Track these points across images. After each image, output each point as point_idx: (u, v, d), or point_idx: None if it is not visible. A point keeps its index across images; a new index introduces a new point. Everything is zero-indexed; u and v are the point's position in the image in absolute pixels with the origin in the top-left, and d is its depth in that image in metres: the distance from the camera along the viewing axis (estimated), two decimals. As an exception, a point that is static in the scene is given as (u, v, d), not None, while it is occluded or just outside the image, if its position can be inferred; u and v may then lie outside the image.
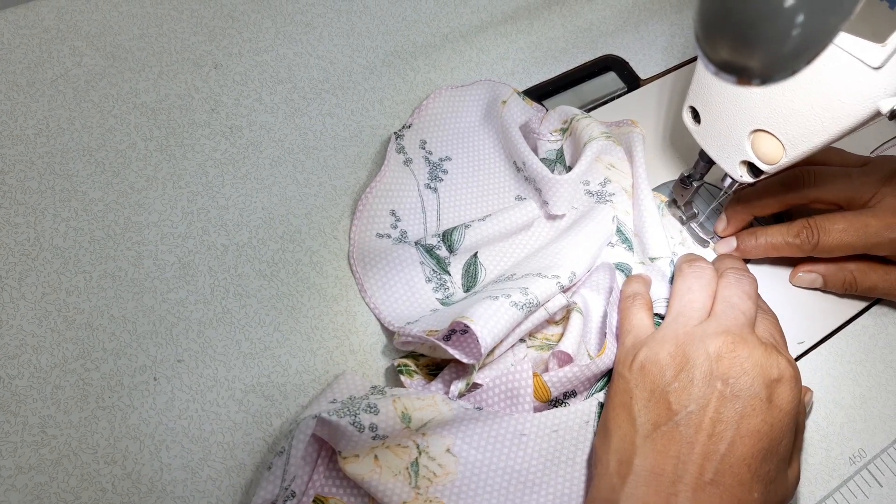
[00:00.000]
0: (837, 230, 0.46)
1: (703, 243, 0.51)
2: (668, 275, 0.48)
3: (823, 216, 0.47)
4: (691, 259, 0.46)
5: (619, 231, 0.50)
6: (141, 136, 0.52)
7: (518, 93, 0.55)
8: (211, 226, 0.49)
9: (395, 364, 0.44)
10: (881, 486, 0.45)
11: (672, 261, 0.48)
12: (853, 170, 0.48)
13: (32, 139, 0.51)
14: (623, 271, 0.49)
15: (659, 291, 0.47)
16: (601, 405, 0.43)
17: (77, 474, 0.41)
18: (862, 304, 0.51)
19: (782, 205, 0.49)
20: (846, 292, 0.50)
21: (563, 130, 0.54)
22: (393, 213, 0.50)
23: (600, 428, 0.41)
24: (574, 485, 0.41)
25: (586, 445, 0.42)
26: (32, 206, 0.49)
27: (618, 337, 0.45)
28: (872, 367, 0.49)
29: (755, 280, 0.44)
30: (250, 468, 0.42)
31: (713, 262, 0.47)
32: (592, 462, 0.41)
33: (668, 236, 0.49)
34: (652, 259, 0.48)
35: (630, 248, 0.50)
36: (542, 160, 0.52)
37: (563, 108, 0.54)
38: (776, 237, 0.48)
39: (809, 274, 0.49)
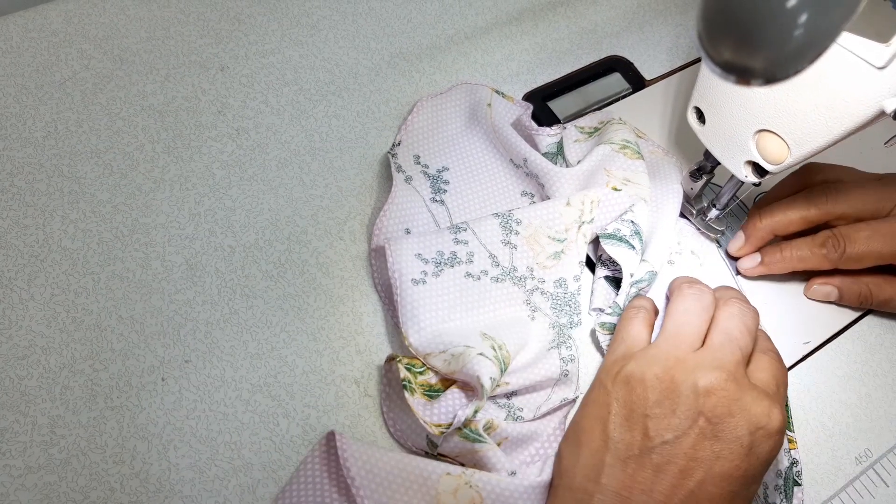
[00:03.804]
0: (863, 238, 0.45)
1: (713, 232, 0.51)
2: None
3: (847, 226, 0.46)
4: (692, 280, 0.45)
5: (635, 232, 0.49)
6: (148, 138, 0.53)
7: (497, 92, 0.55)
8: (218, 227, 0.50)
9: (401, 378, 0.43)
10: (887, 486, 0.45)
11: (652, 272, 0.47)
12: (871, 182, 0.47)
13: (41, 141, 0.52)
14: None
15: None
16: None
17: (86, 473, 0.41)
18: (868, 304, 0.51)
19: (805, 223, 0.48)
20: (861, 305, 0.50)
21: (596, 129, 0.54)
22: (408, 231, 0.50)
23: (570, 434, 0.41)
24: None
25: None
26: (41, 208, 0.49)
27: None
28: (878, 366, 0.49)
29: (758, 314, 0.43)
30: (257, 467, 0.42)
31: (715, 290, 0.45)
32: (556, 466, 0.40)
33: (668, 247, 0.49)
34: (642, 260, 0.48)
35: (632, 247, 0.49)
36: (544, 154, 0.52)
37: (608, 111, 0.56)
38: (802, 249, 0.47)
39: (824, 287, 0.49)
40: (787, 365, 0.48)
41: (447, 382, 0.43)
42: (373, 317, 0.48)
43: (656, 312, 0.46)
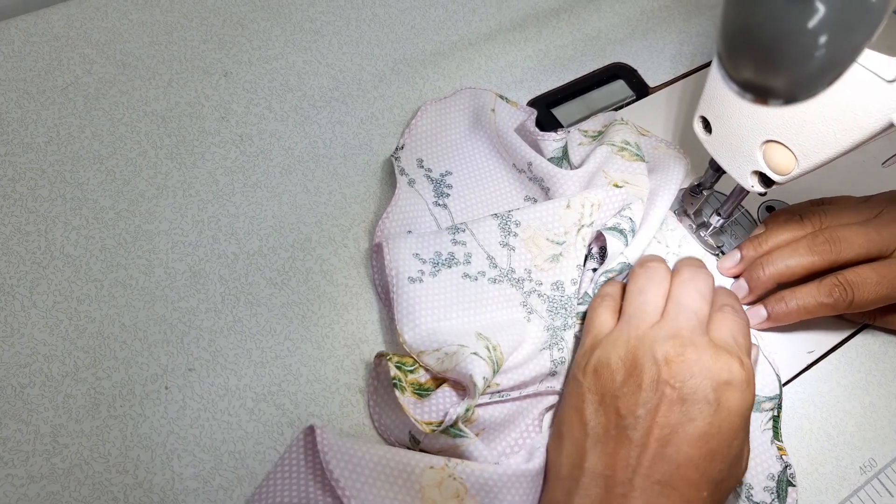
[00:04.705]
0: (871, 285, 0.45)
1: (713, 250, 0.51)
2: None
3: (851, 271, 0.46)
4: (644, 259, 0.46)
5: (632, 229, 0.49)
6: (151, 144, 0.53)
7: (501, 97, 0.55)
8: (221, 234, 0.50)
9: (392, 376, 0.42)
10: (892, 496, 0.45)
11: (625, 264, 0.48)
12: (873, 224, 0.46)
13: (43, 147, 0.52)
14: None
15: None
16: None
17: (89, 483, 0.41)
18: (871, 314, 0.51)
19: (809, 272, 0.47)
20: (862, 321, 0.50)
21: (600, 133, 0.54)
22: (410, 234, 0.50)
23: (554, 430, 0.42)
24: None
25: None
26: (43, 215, 0.49)
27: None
28: (883, 376, 0.49)
29: (711, 277, 0.44)
30: (261, 477, 0.42)
31: (675, 264, 0.47)
32: (546, 463, 0.41)
33: (647, 241, 0.49)
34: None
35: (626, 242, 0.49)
36: (550, 160, 0.52)
37: (611, 113, 0.55)
38: (807, 299, 0.46)
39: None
40: (792, 375, 0.48)
41: (437, 382, 0.43)
42: (377, 325, 0.47)
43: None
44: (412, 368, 0.43)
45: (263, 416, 0.44)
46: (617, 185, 0.50)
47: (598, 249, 0.50)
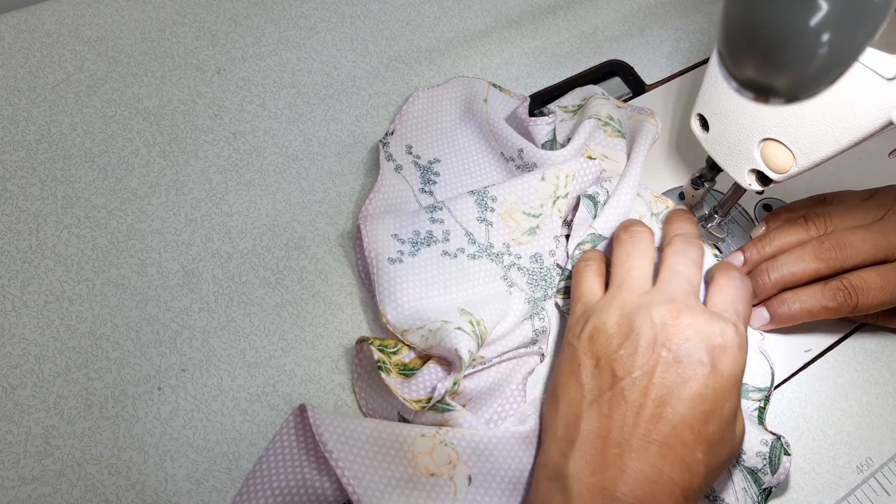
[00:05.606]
0: (876, 290, 0.45)
1: (713, 240, 0.51)
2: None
3: (856, 275, 0.45)
4: (627, 225, 0.46)
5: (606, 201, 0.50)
6: (143, 141, 0.52)
7: (494, 85, 0.55)
8: (215, 233, 0.49)
9: (376, 359, 0.42)
10: (889, 495, 0.45)
11: (595, 235, 0.48)
12: (877, 227, 0.46)
13: (34, 145, 0.51)
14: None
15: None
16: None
17: (81, 485, 0.40)
18: (869, 312, 0.50)
19: (814, 278, 0.46)
20: (864, 321, 0.50)
21: (580, 107, 0.54)
22: (388, 214, 0.49)
23: (549, 395, 0.42)
24: None
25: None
26: (34, 213, 0.48)
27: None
28: (880, 375, 0.49)
29: (702, 246, 0.44)
30: (256, 479, 0.42)
31: (665, 225, 0.47)
32: (542, 427, 0.42)
33: (624, 212, 0.49)
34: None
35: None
36: (543, 145, 0.52)
37: (590, 87, 0.55)
38: (811, 302, 0.46)
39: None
40: (789, 373, 0.48)
41: (421, 360, 0.44)
42: (373, 325, 0.47)
43: (607, 260, 0.47)
44: (395, 350, 0.43)
45: (258, 417, 0.43)
46: (591, 157, 0.50)
47: (575, 217, 0.50)
